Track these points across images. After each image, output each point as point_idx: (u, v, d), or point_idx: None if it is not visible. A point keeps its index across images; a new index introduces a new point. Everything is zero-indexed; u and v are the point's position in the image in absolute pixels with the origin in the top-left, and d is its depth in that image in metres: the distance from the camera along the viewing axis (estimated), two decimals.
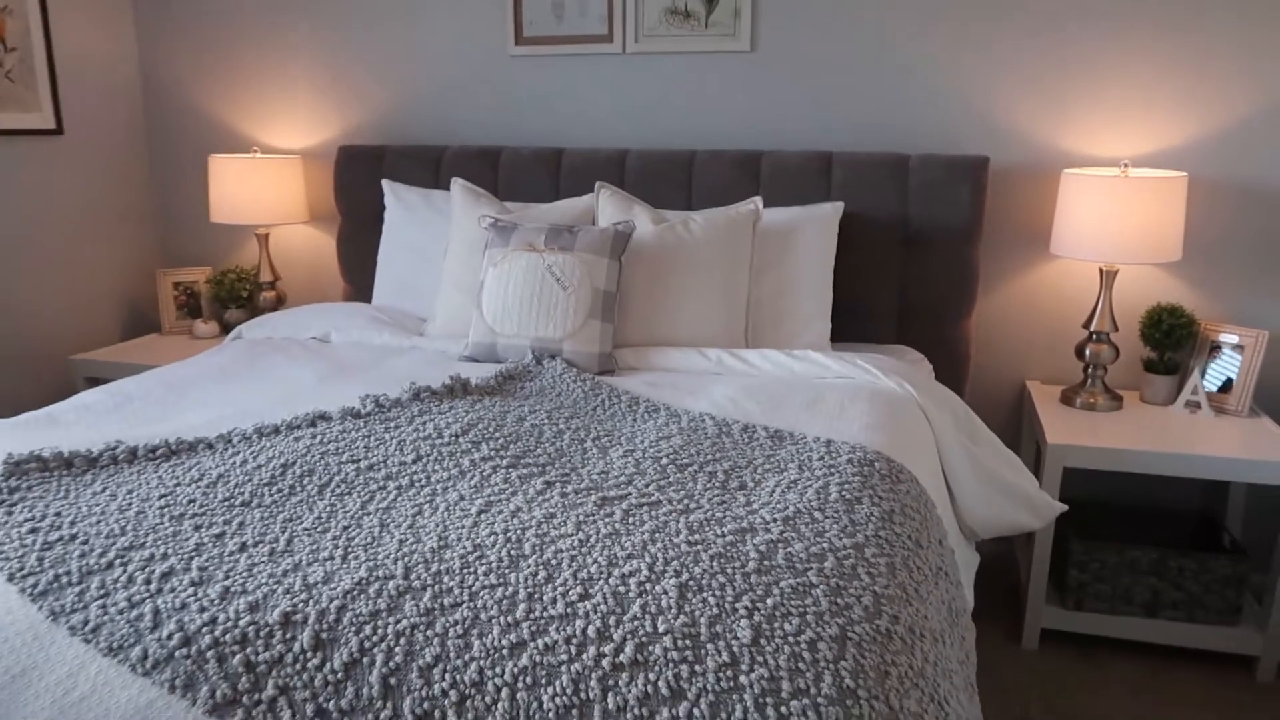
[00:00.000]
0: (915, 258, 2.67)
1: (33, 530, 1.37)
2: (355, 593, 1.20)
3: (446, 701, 1.06)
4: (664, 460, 1.65)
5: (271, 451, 1.65)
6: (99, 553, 1.32)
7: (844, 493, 1.52)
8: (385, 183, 2.87)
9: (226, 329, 3.42)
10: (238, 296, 3.40)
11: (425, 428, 1.76)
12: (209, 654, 1.14)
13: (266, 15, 3.27)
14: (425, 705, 1.06)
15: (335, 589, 1.21)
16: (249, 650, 1.13)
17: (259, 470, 1.58)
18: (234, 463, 1.62)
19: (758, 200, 2.48)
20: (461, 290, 2.49)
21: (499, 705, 1.05)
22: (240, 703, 1.11)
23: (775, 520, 1.42)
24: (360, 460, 1.62)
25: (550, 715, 1.03)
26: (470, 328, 2.35)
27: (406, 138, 3.22)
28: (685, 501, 1.49)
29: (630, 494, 1.50)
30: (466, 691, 1.07)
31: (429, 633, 1.14)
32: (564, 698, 1.04)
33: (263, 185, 3.15)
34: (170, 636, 1.16)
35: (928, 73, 2.73)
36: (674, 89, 2.95)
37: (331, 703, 1.08)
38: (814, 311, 2.45)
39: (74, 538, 1.35)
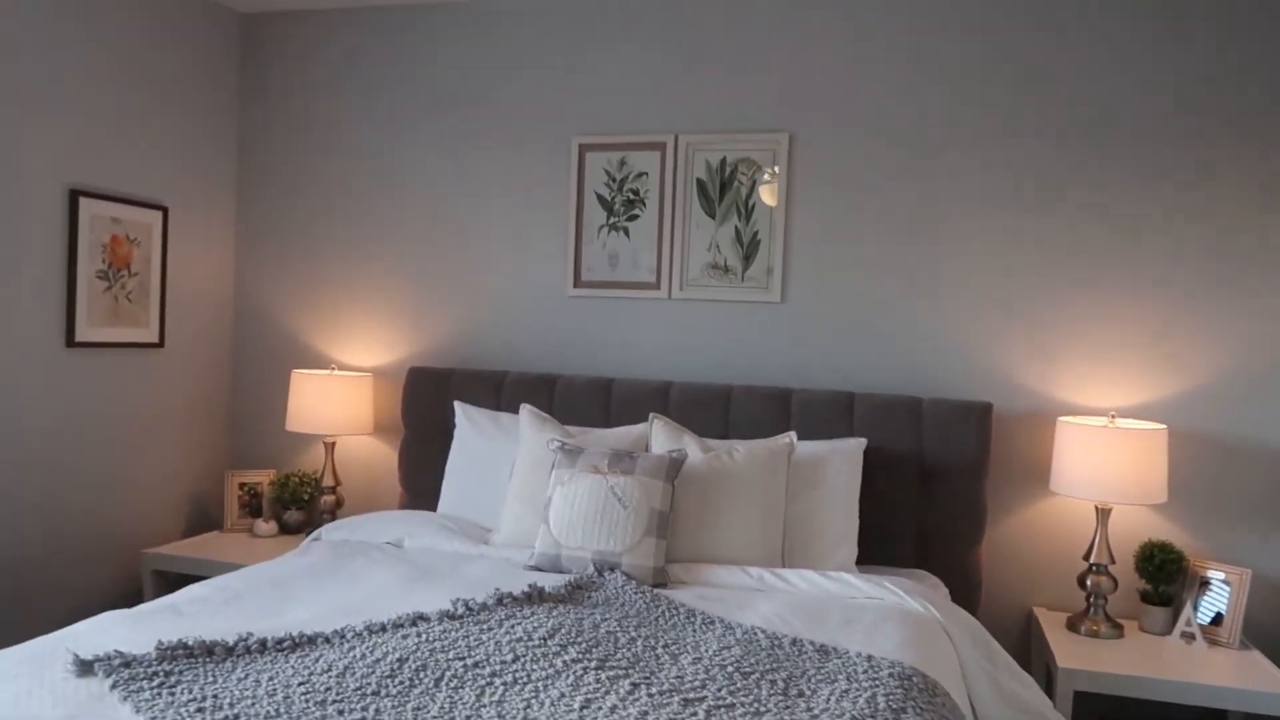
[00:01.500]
0: (930, 489, 2.98)
1: (199, 710, 1.59)
2: None
3: None
4: (729, 668, 1.88)
5: (385, 647, 1.89)
6: None
7: (890, 702, 1.75)
8: (458, 404, 3.22)
9: (285, 529, 3.67)
10: (299, 499, 3.67)
11: (515, 630, 1.99)
12: None
13: (351, 247, 3.74)
14: None
15: None
16: None
17: (378, 664, 1.81)
18: (354, 656, 1.85)
19: (792, 435, 2.82)
20: (527, 505, 2.78)
21: None
22: None
23: None
24: (465, 658, 1.85)
25: None
26: (536, 539, 2.61)
27: (470, 361, 3.60)
28: (755, 705, 1.72)
29: (706, 696, 1.73)
30: None
31: None
32: None
33: (336, 399, 3.50)
34: None
35: (937, 328, 3.14)
36: (713, 331, 3.36)
37: None
38: (842, 534, 2.74)
39: (237, 718, 1.57)
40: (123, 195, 3.36)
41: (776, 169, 3.27)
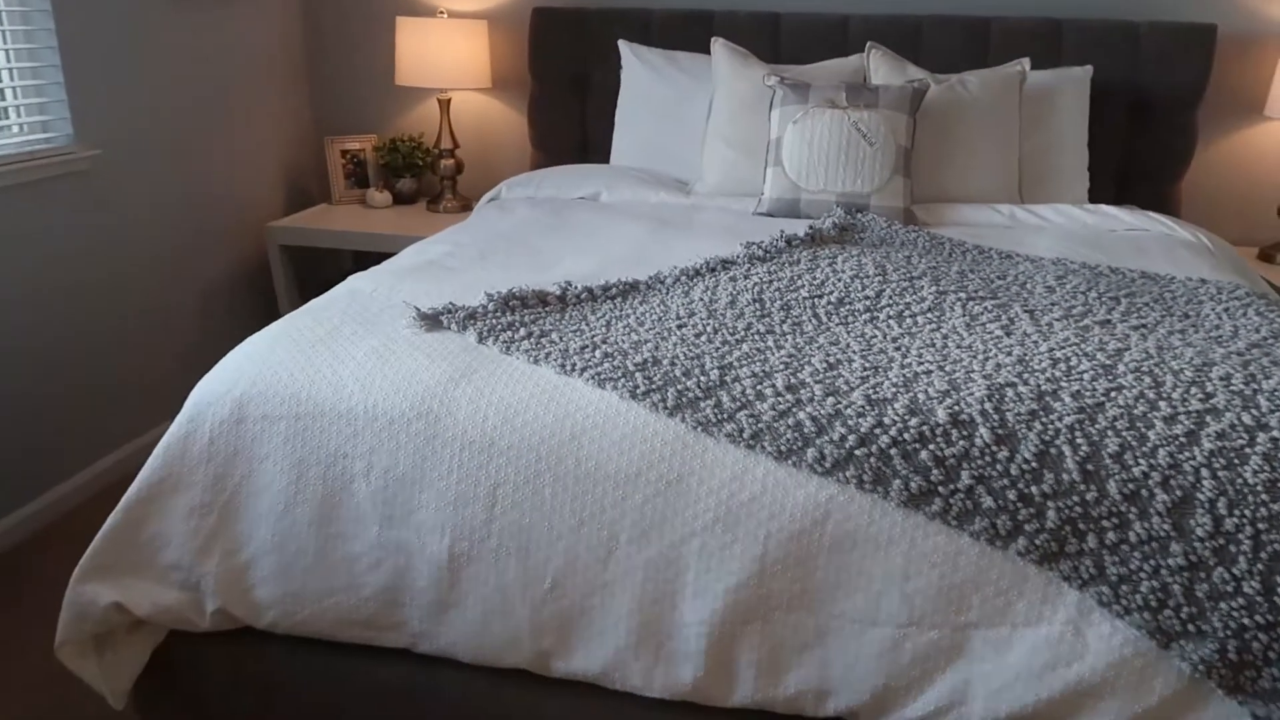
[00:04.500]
0: (1139, 121, 2.79)
1: (606, 355, 1.42)
2: (996, 397, 1.30)
3: (1151, 481, 1.18)
4: (1091, 293, 1.76)
5: (730, 288, 1.71)
6: (698, 371, 1.37)
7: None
8: (625, 45, 2.84)
9: (399, 199, 3.36)
10: (412, 165, 3.33)
11: (843, 268, 1.82)
12: (892, 452, 1.23)
13: None
14: (1130, 485, 1.18)
15: (973, 395, 1.30)
16: (932, 447, 1.23)
17: (735, 301, 1.64)
18: (695, 299, 1.67)
19: (1025, 62, 2.56)
20: (736, 148, 2.52)
21: (1203, 482, 1.17)
22: (936, 492, 1.21)
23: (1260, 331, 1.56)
24: (822, 295, 1.69)
25: (1259, 488, 1.16)
26: (765, 184, 2.39)
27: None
28: (1160, 323, 1.61)
29: (1113, 320, 1.62)
30: (1166, 472, 1.19)
31: (1095, 427, 1.25)
32: (1266, 473, 1.17)
33: (450, 48, 3.07)
34: (844, 439, 1.24)
35: None
36: None
37: (1033, 488, 1.19)
38: (1075, 169, 2.57)
39: (655, 361, 1.41)
40: None
41: None
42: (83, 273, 2.50)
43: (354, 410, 1.38)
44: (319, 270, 3.45)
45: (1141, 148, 2.80)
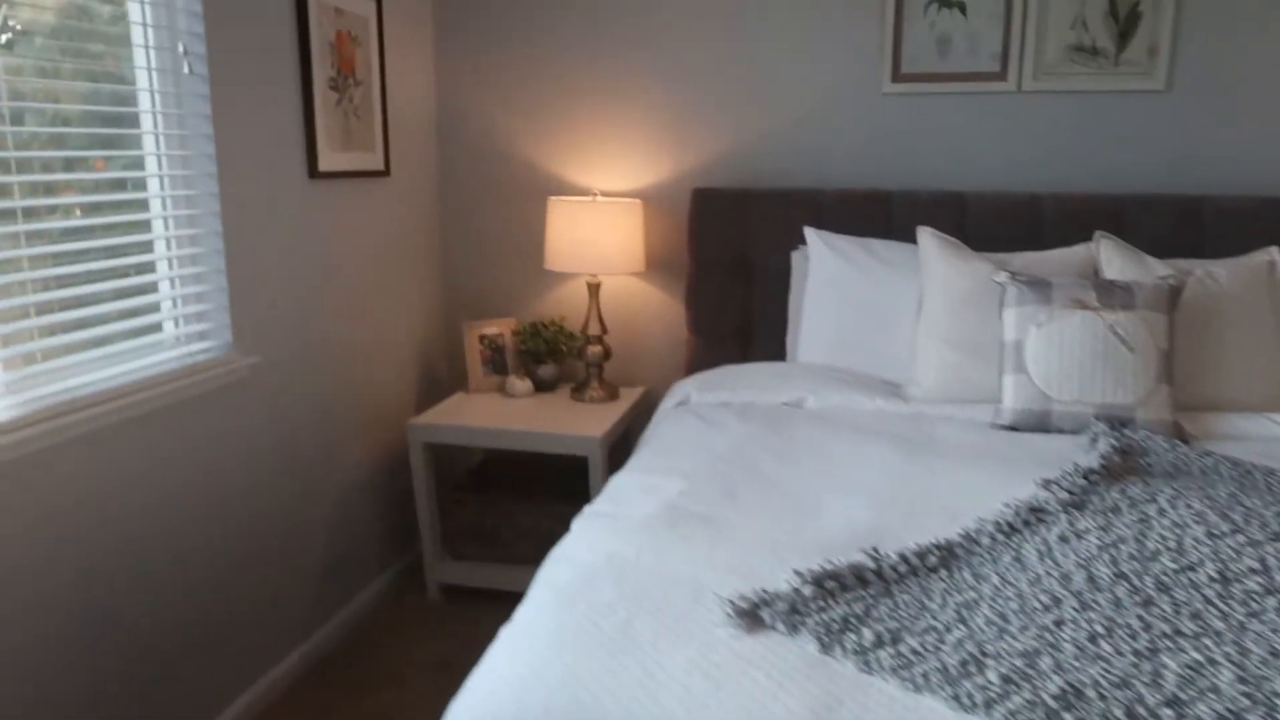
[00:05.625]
0: None
1: (1004, 679, 1.12)
2: None
3: None
4: None
5: (1069, 553, 1.42)
6: (1141, 708, 1.07)
7: None
8: (810, 231, 2.64)
9: (540, 386, 3.13)
10: (556, 351, 3.12)
11: (1183, 517, 1.53)
12: None
13: (584, 45, 3.03)
14: None
15: None
16: None
17: (1101, 575, 1.34)
18: (1052, 571, 1.38)
19: (1274, 250, 2.32)
20: (958, 349, 2.27)
21: None
22: None
23: None
24: (1195, 565, 1.39)
25: None
26: (1006, 393, 2.13)
27: (756, 179, 2.99)
28: None
29: None
30: None
31: None
32: None
33: (604, 230, 2.89)
34: None
35: None
36: (1073, 130, 2.78)
37: None
38: None
39: (1077, 694, 1.10)
40: None
41: None
42: (219, 490, 2.25)
43: None
44: (448, 457, 3.20)
45: None
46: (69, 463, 1.79)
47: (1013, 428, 2.11)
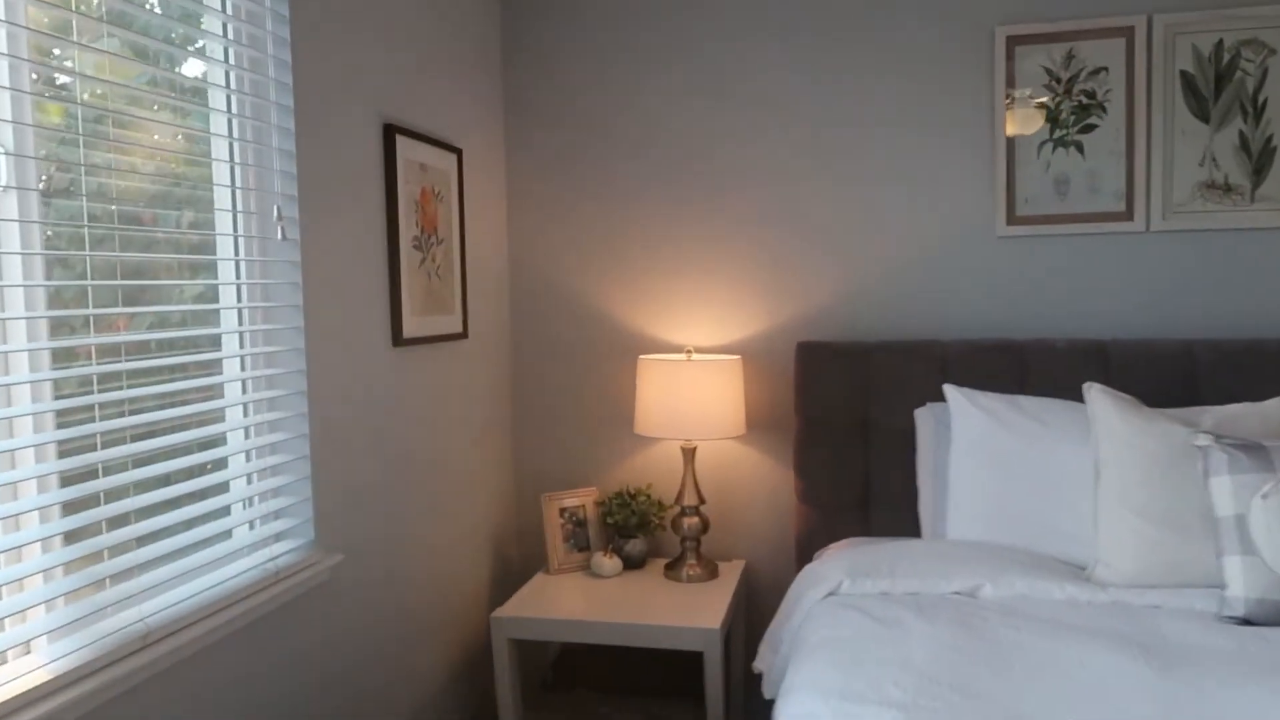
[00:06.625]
0: None
1: None
2: None
3: None
4: None
5: None
6: None
7: None
8: (950, 388, 2.37)
9: (629, 563, 2.80)
10: (646, 524, 2.80)
11: None
12: None
13: (669, 197, 2.84)
14: None
15: None
16: None
17: None
18: None
19: None
20: (1155, 524, 1.97)
21: None
22: None
23: None
24: None
25: None
26: (1232, 578, 1.82)
27: (867, 330, 2.75)
28: None
29: None
30: None
31: None
32: None
33: (701, 391, 2.63)
34: None
35: None
36: (1216, 270, 2.57)
37: None
38: None
39: None
40: (425, 133, 2.42)
41: None
42: (296, 705, 1.89)
43: None
44: (529, 648, 2.83)
45: None
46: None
47: (1246, 621, 1.79)
